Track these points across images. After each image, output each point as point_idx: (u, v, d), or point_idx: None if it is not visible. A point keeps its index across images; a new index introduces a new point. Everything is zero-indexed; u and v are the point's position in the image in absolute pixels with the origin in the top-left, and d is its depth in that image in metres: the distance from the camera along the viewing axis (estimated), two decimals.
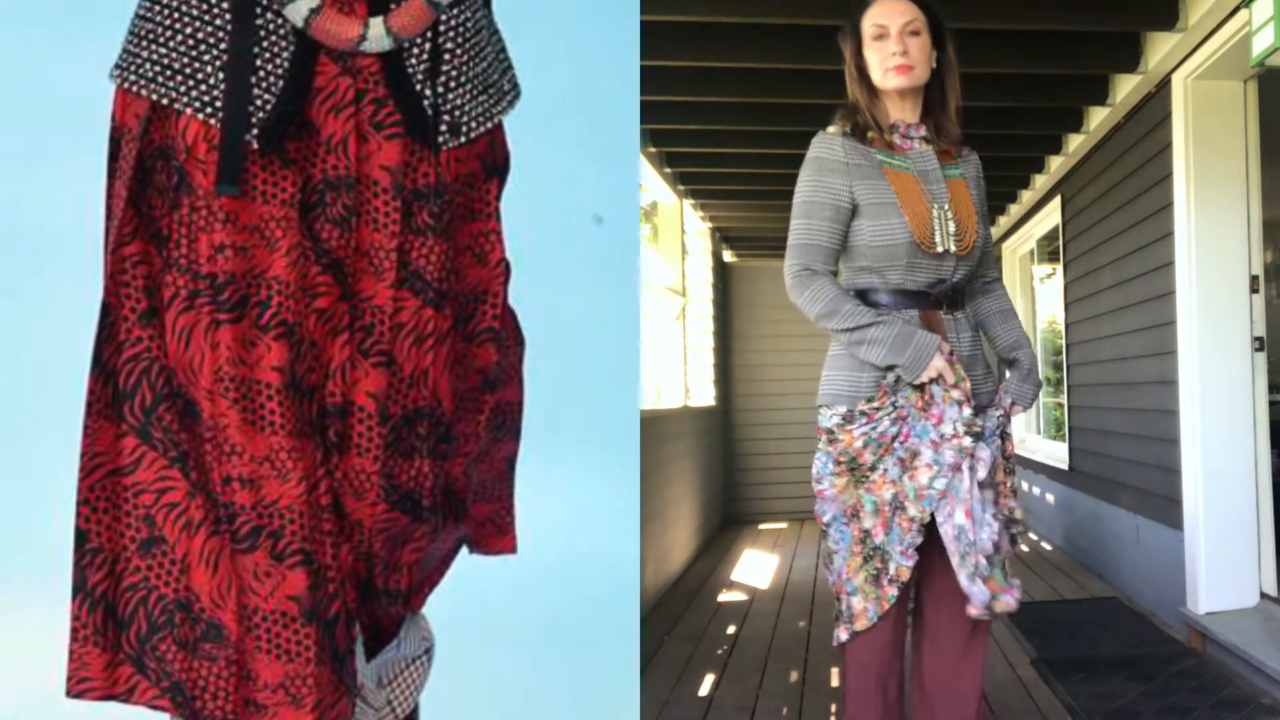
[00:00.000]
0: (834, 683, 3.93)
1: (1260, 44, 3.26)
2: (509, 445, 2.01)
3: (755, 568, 6.61)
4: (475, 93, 1.83)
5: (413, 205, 1.78)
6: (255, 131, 1.70)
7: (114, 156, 1.79)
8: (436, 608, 2.04)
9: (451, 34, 1.80)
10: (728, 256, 9.08)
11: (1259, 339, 4.38)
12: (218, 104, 1.70)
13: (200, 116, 1.71)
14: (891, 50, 2.30)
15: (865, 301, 2.35)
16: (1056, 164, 6.25)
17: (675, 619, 5.10)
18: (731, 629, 4.87)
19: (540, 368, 2.02)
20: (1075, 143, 5.77)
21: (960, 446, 2.28)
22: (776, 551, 7.23)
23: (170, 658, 1.73)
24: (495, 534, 2.03)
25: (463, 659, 2.16)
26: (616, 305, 2.79)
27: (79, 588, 1.76)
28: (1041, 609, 5.15)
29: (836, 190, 2.31)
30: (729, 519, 8.69)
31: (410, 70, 1.77)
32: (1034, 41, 4.42)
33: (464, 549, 2.04)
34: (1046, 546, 7.19)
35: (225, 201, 1.70)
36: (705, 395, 8.06)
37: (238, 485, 1.69)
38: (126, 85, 1.75)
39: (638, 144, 2.88)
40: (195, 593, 1.72)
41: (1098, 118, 5.31)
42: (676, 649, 4.49)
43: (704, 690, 3.89)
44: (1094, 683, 3.83)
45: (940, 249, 2.33)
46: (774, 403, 8.83)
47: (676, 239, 7.20)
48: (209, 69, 1.71)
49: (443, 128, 1.79)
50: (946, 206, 2.35)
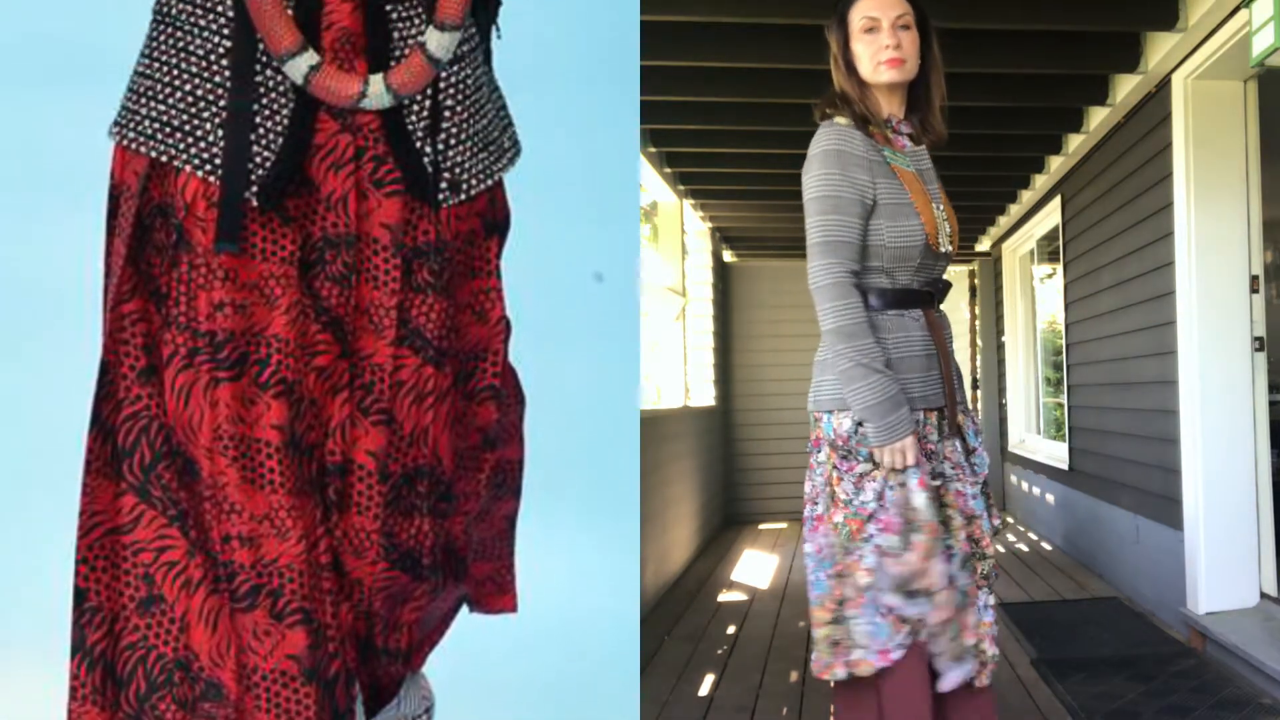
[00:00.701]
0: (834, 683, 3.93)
1: (1260, 44, 3.26)
2: (509, 504, 2.00)
3: (755, 568, 6.61)
4: (475, 150, 1.82)
5: (413, 263, 1.77)
6: (255, 189, 1.69)
7: (113, 214, 1.78)
8: (436, 666, 2.03)
9: (452, 91, 1.79)
10: (728, 256, 9.08)
11: (1259, 339, 4.38)
12: (217, 161, 1.70)
13: (199, 174, 1.70)
14: (884, 43, 2.27)
15: (871, 304, 2.27)
16: (1056, 164, 6.25)
17: (675, 619, 5.10)
18: (731, 629, 4.87)
19: (540, 426, 2.01)
20: (1075, 143, 5.77)
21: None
22: (776, 551, 7.23)
23: (169, 717, 1.72)
24: (496, 593, 2.03)
25: (463, 719, 2.15)
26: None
27: (78, 647, 1.75)
28: (1041, 609, 5.15)
29: (862, 186, 2.23)
30: (729, 519, 8.69)
31: (410, 127, 1.76)
32: (1034, 41, 4.42)
33: (464, 608, 2.03)
34: (1046, 546, 7.19)
35: (225, 259, 1.69)
36: (705, 395, 8.06)
37: (237, 543, 1.69)
38: (125, 142, 1.74)
39: (638, 144, 2.88)
40: (194, 651, 1.71)
41: (1098, 118, 5.31)
42: (676, 649, 4.49)
43: (704, 690, 3.89)
44: (1094, 683, 3.83)
45: (942, 250, 2.31)
46: (774, 403, 8.83)
47: (676, 239, 7.20)
48: (208, 126, 1.71)
49: (443, 185, 1.78)
50: (941, 207, 2.34)
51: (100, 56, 2.08)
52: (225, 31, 1.71)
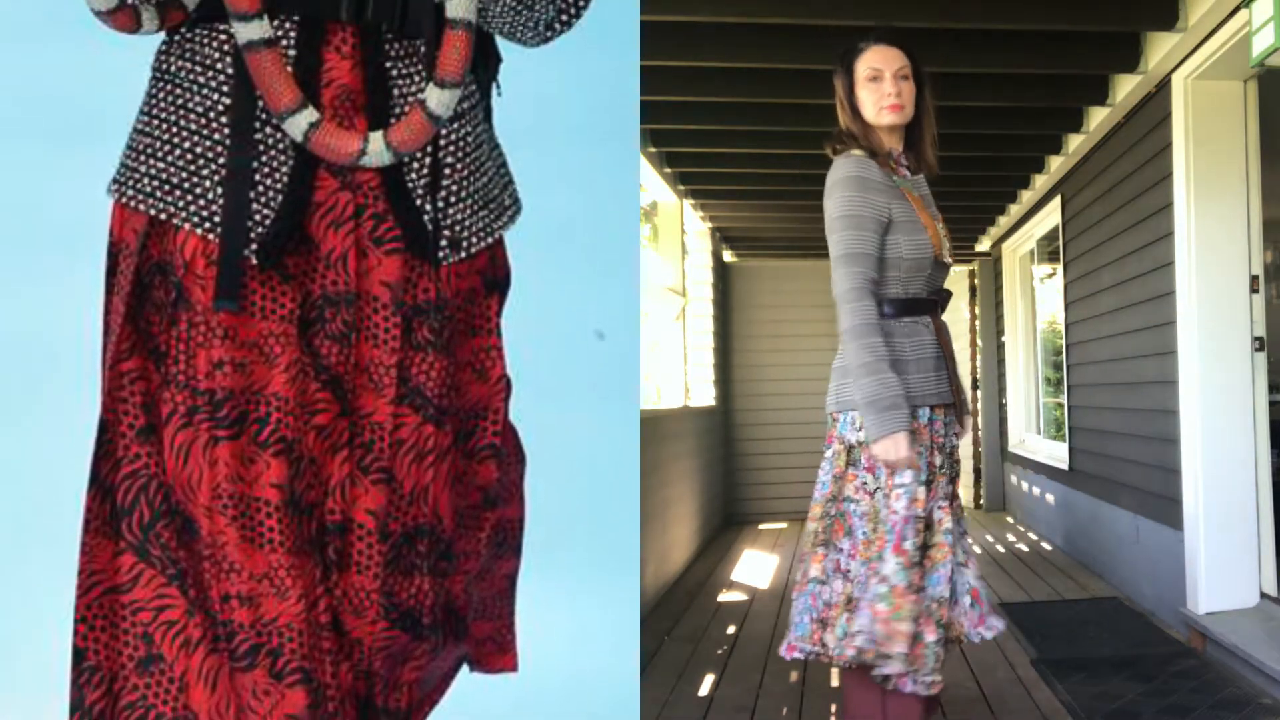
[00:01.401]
0: (834, 683, 3.92)
1: (1260, 44, 3.26)
2: (510, 563, 1.99)
3: (755, 568, 6.61)
4: (476, 208, 1.81)
5: (413, 321, 1.76)
6: (254, 247, 1.68)
7: (111, 272, 1.77)
8: None
9: (452, 149, 1.78)
10: (728, 256, 9.08)
11: (1259, 339, 4.38)
12: (216, 219, 1.68)
13: (199, 231, 1.69)
14: (886, 91, 2.60)
15: (888, 311, 2.55)
16: (1056, 164, 6.25)
17: (675, 619, 5.10)
18: (731, 629, 4.87)
19: (541, 485, 2.00)
20: (1075, 143, 5.77)
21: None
22: (776, 551, 7.23)
23: None
24: (496, 652, 2.02)
25: None
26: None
27: (76, 706, 1.73)
28: (1041, 609, 5.15)
29: (880, 206, 2.54)
30: (729, 519, 8.69)
31: (410, 185, 1.75)
32: (1034, 41, 4.42)
33: (464, 667, 2.02)
34: (1046, 546, 7.19)
35: (224, 317, 1.68)
36: (705, 395, 8.06)
37: (236, 603, 1.68)
38: (124, 200, 1.73)
39: (638, 143, 2.89)
40: (194, 711, 1.70)
41: (1098, 118, 5.31)
42: (676, 649, 4.49)
43: (704, 690, 3.89)
44: (1094, 683, 3.83)
45: (945, 260, 2.64)
46: (774, 403, 8.83)
47: (676, 239, 7.20)
48: (207, 183, 1.69)
49: (443, 243, 1.77)
50: (941, 224, 2.67)
51: (100, 113, 2.07)
52: (225, 89, 1.70)
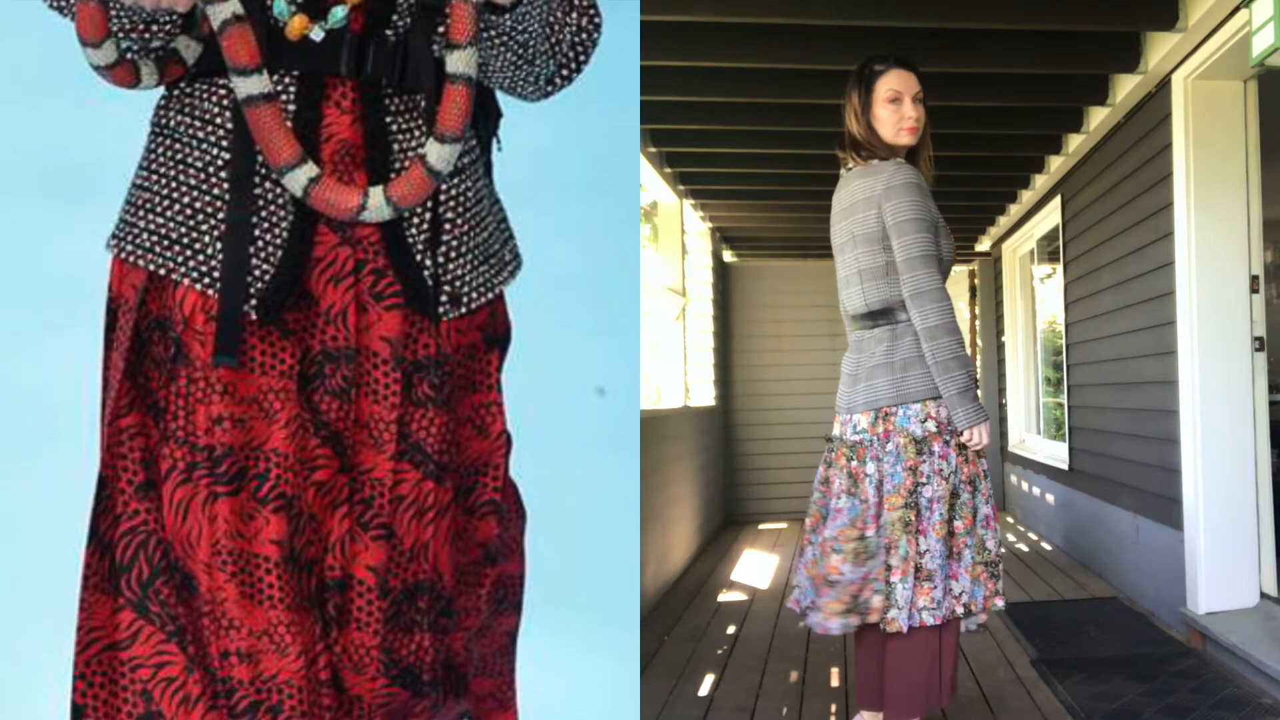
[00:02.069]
0: (834, 683, 3.93)
1: (1260, 44, 3.26)
2: (510, 619, 1.98)
3: (755, 568, 6.61)
4: (476, 263, 1.80)
5: (413, 377, 1.75)
6: (253, 302, 1.67)
7: (110, 327, 1.77)
8: None
9: (452, 204, 1.77)
10: (728, 256, 9.08)
11: (1259, 339, 4.38)
12: (215, 274, 1.68)
13: (198, 287, 1.68)
14: (907, 114, 2.81)
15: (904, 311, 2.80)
16: (1056, 164, 6.25)
17: (675, 619, 5.10)
18: (731, 629, 4.87)
19: (541, 541, 2.00)
20: (1075, 143, 5.77)
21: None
22: (776, 551, 7.23)
23: None
24: (497, 709, 2.01)
25: None
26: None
27: None
28: (1041, 609, 5.15)
29: (934, 213, 2.80)
30: (729, 519, 8.69)
31: (410, 240, 1.74)
32: (1034, 41, 4.42)
33: None
34: (1046, 546, 7.19)
35: (223, 373, 1.67)
36: (705, 395, 8.06)
37: (236, 660, 1.67)
38: (123, 255, 1.72)
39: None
40: None
41: (1098, 118, 5.31)
42: (676, 649, 4.49)
43: (704, 690, 3.89)
44: (1094, 683, 3.83)
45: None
46: (774, 403, 8.83)
47: (676, 239, 7.20)
48: (206, 239, 1.69)
49: (443, 298, 1.76)
50: None
51: (99, 168, 2.06)
52: (224, 144, 1.70)
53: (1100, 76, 4.95)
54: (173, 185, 1.71)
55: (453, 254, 1.77)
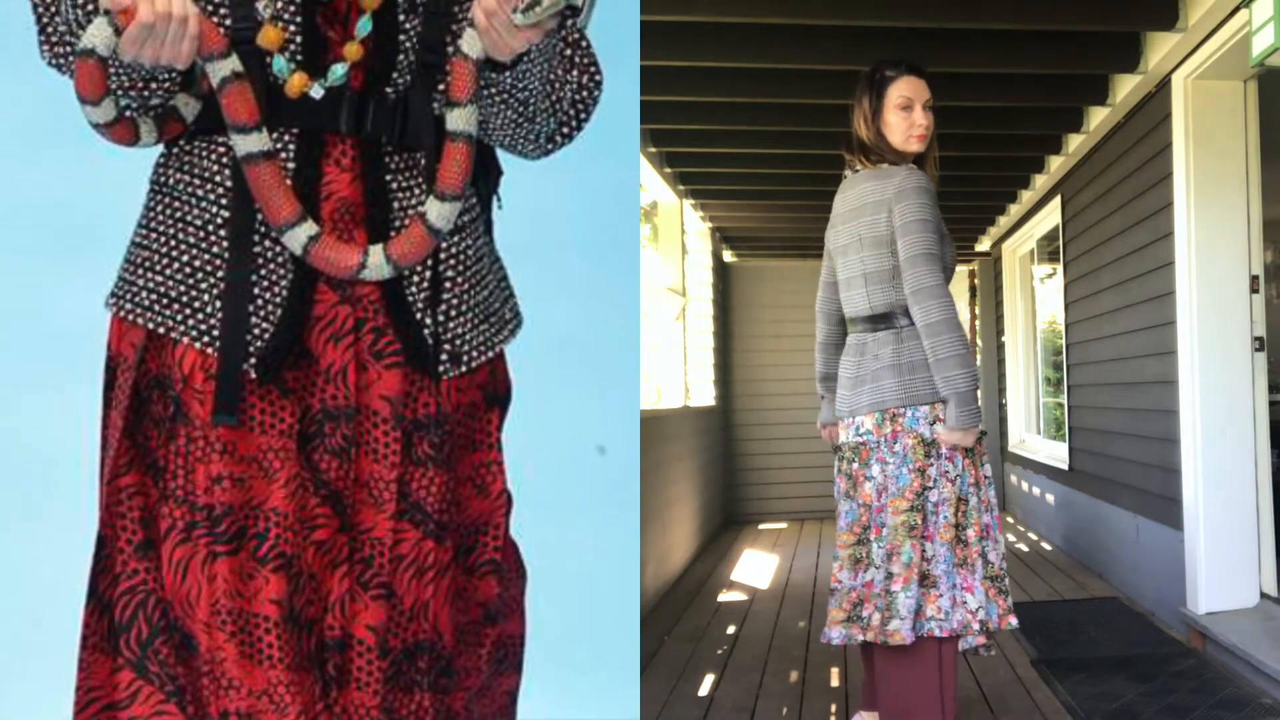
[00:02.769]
0: (834, 683, 3.93)
1: (1260, 44, 3.26)
2: (511, 679, 1.96)
3: (755, 568, 6.61)
4: (476, 321, 1.78)
5: (413, 435, 1.73)
6: (253, 361, 1.66)
7: (109, 386, 1.75)
8: None
9: (453, 262, 1.76)
10: (728, 256, 9.08)
11: (1259, 339, 4.38)
12: (215, 333, 1.66)
13: (197, 346, 1.67)
14: (918, 122, 2.83)
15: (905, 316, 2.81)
16: (1056, 164, 6.25)
17: (675, 619, 5.10)
18: (731, 629, 4.88)
19: (542, 601, 1.99)
20: (1075, 143, 5.77)
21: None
22: (776, 551, 7.23)
23: None
24: None
25: None
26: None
27: None
28: (1041, 609, 5.15)
29: (940, 218, 2.82)
30: (729, 519, 8.69)
31: (410, 298, 1.73)
32: (1034, 41, 4.42)
33: None
34: (1046, 546, 7.19)
35: (223, 432, 1.65)
36: (705, 395, 8.06)
37: None
38: (122, 314, 1.71)
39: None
40: None
41: (1098, 118, 5.31)
42: (676, 649, 4.49)
43: (704, 690, 3.89)
44: (1094, 683, 3.83)
45: None
46: (774, 403, 8.83)
47: (676, 239, 7.20)
48: (206, 297, 1.67)
49: (443, 357, 1.75)
50: None
51: (98, 226, 2.04)
52: (223, 202, 1.68)
53: (1100, 76, 4.95)
54: (172, 243, 1.69)
55: (453, 312, 1.76)
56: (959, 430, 2.69)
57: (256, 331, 1.66)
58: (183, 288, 1.68)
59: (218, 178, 1.69)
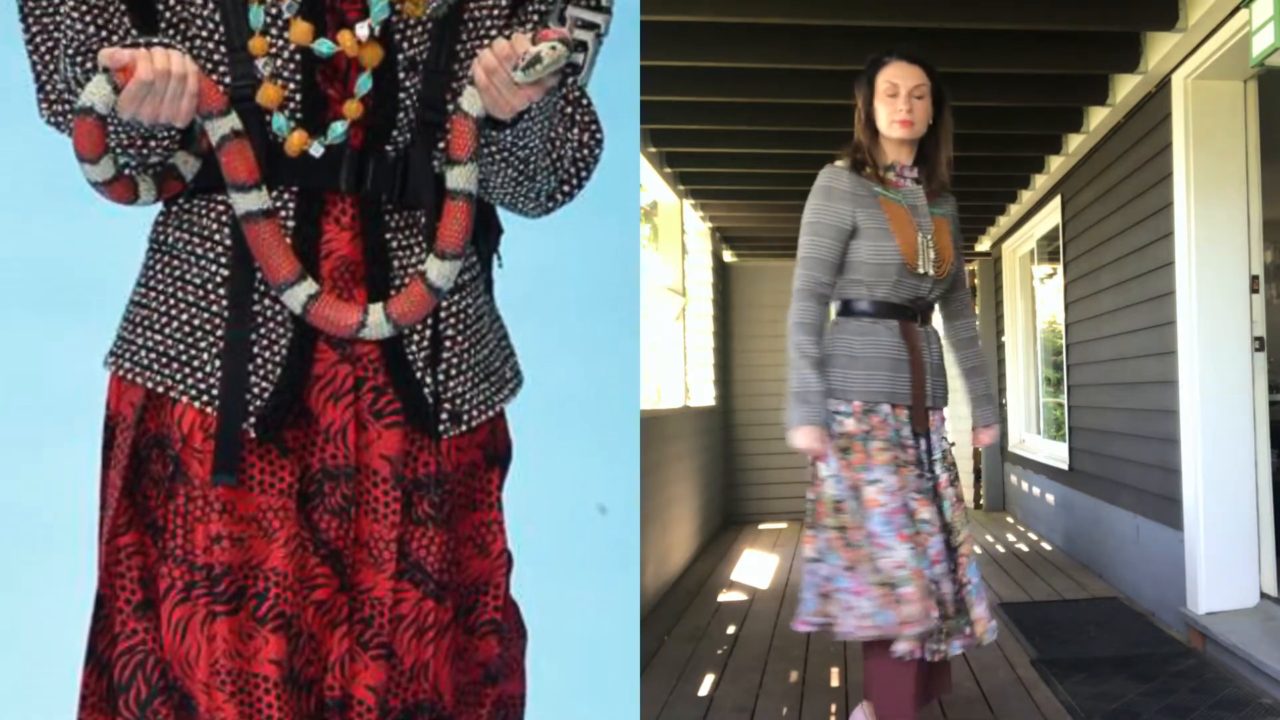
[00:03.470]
0: (834, 683, 3.93)
1: (1260, 44, 3.26)
2: None
3: (755, 568, 6.61)
4: (477, 380, 1.77)
5: (413, 495, 1.72)
6: (252, 420, 1.65)
7: (108, 445, 1.75)
8: None
9: (453, 320, 1.75)
10: (728, 256, 9.09)
11: (1259, 339, 4.38)
12: (214, 392, 1.65)
13: (196, 405, 1.66)
14: (900, 107, 2.76)
15: (851, 310, 2.80)
16: (1056, 164, 6.25)
17: (675, 619, 5.10)
18: (731, 629, 4.88)
19: (543, 661, 1.97)
20: (1075, 143, 5.77)
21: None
22: (776, 551, 7.23)
23: None
24: None
25: None
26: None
27: None
28: (1041, 609, 5.15)
29: (841, 214, 2.75)
30: (729, 519, 8.69)
31: (410, 357, 1.72)
32: (1034, 41, 4.42)
33: None
34: (1046, 546, 7.19)
35: (222, 491, 1.64)
36: (705, 395, 8.06)
37: None
38: (121, 373, 1.70)
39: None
40: None
41: (1098, 118, 5.31)
42: (676, 649, 4.49)
43: (704, 690, 3.89)
44: (1094, 683, 3.84)
45: (921, 270, 2.78)
46: (774, 403, 8.75)
47: (676, 239, 7.20)
48: (205, 356, 1.66)
49: (443, 416, 1.73)
50: (930, 236, 2.80)
51: (97, 285, 2.03)
52: (223, 260, 1.67)
53: (1100, 76, 4.95)
54: (171, 302, 1.69)
55: (453, 371, 1.75)
56: (789, 432, 2.73)
57: (256, 391, 1.65)
58: (182, 346, 1.67)
59: (217, 236, 1.68)
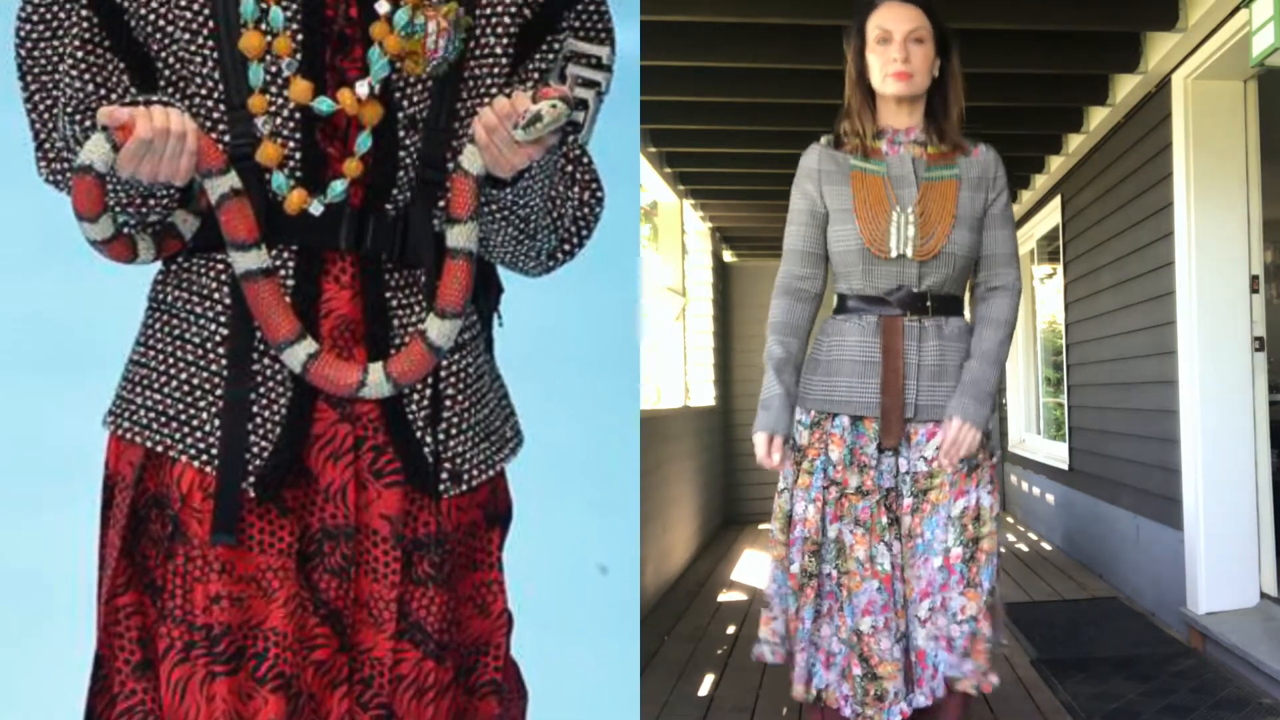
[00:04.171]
0: None
1: (1260, 44, 3.26)
2: None
3: (755, 568, 6.61)
4: (477, 440, 1.76)
5: (413, 555, 1.71)
6: (252, 480, 1.64)
7: (107, 505, 1.74)
8: None
9: (453, 380, 1.74)
10: (728, 256, 9.09)
11: (1259, 339, 4.38)
12: (213, 451, 1.64)
13: (196, 464, 1.65)
14: (893, 56, 2.28)
15: (837, 307, 2.49)
16: (1056, 164, 6.25)
17: (675, 619, 5.10)
18: (731, 629, 4.88)
19: None
20: (1075, 143, 5.77)
21: None
22: None
23: None
24: None
25: None
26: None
27: None
28: (1041, 609, 5.15)
29: (811, 196, 2.40)
30: (729, 519, 8.69)
31: (410, 417, 1.71)
32: (1034, 41, 4.42)
33: None
34: (1046, 546, 7.19)
35: (221, 551, 1.64)
36: (705, 395, 8.06)
37: None
38: (120, 432, 1.69)
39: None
40: None
41: (1098, 118, 5.31)
42: (676, 649, 4.49)
43: (704, 690, 3.89)
44: (1094, 683, 3.84)
45: (895, 254, 2.34)
46: None
47: (676, 239, 7.20)
48: (204, 415, 1.66)
49: (444, 476, 1.72)
50: (910, 211, 2.33)
51: (95, 344, 2.02)
52: (222, 319, 1.66)
53: (1100, 76, 4.95)
54: (170, 361, 1.68)
55: (453, 431, 1.74)
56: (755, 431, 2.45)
57: (255, 450, 1.64)
58: (181, 406, 1.67)
59: (216, 295, 1.67)
